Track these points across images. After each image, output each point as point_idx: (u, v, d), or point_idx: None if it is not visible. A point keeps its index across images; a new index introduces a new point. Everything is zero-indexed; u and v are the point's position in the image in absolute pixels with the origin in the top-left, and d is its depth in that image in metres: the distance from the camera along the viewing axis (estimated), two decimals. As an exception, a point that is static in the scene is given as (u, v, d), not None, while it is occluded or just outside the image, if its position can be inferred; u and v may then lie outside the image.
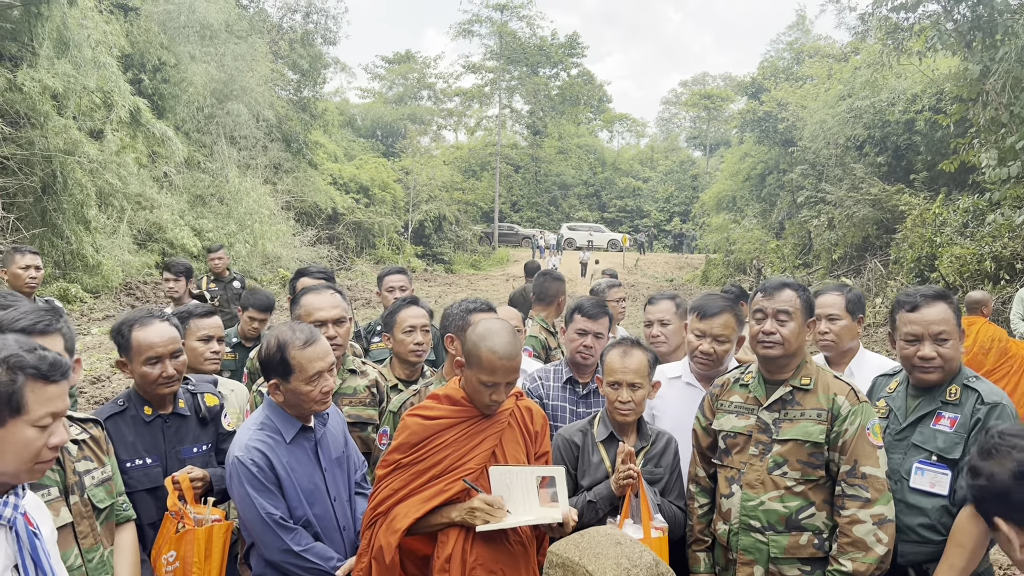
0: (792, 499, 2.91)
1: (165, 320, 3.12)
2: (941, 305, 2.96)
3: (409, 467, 2.77)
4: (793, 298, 2.98)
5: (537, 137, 57.26)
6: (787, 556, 2.92)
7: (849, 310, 3.80)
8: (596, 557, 1.95)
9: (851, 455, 2.84)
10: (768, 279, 3.17)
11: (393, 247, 35.17)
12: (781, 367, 3.01)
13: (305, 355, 2.80)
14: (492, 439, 2.80)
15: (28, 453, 1.85)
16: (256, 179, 25.48)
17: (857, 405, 2.89)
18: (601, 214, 59.08)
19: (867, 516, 2.78)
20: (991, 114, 12.01)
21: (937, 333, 2.93)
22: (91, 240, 16.54)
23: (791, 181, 26.49)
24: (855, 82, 22.11)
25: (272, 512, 2.72)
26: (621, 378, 3.15)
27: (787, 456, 2.93)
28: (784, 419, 2.97)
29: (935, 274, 15.03)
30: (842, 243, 21.36)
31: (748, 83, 35.51)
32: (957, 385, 2.94)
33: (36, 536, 1.96)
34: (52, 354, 1.91)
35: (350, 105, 53.83)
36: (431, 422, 2.78)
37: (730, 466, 3.09)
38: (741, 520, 2.99)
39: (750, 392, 3.09)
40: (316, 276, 4.89)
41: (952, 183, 17.61)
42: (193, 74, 23.02)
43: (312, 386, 2.80)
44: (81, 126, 16.42)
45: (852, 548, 2.78)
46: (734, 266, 29.48)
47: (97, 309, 15.83)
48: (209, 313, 3.96)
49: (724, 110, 60.21)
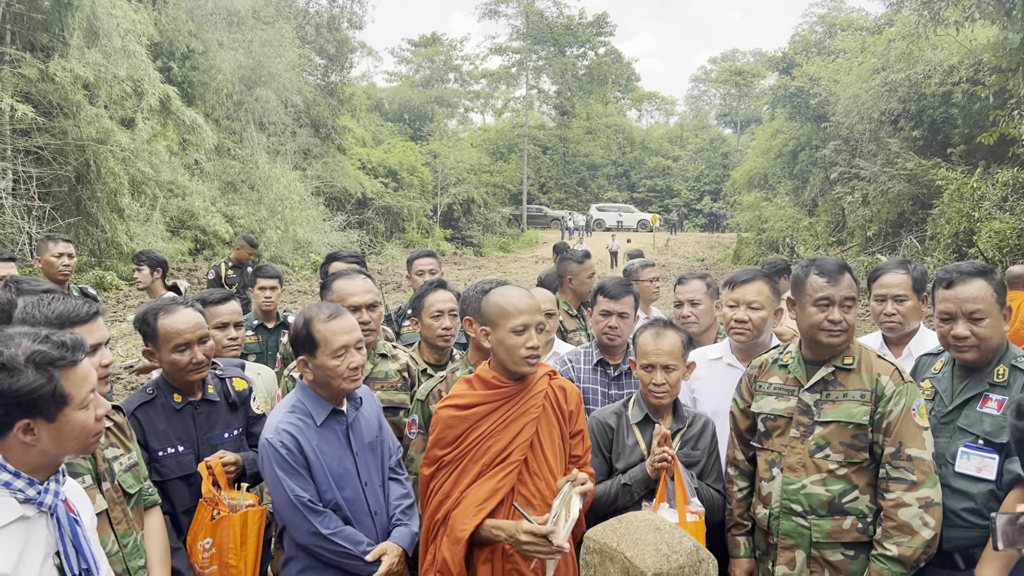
0: (835, 482, 2.85)
1: (190, 306, 3.11)
2: (978, 282, 2.81)
3: (454, 465, 2.75)
4: (854, 284, 2.90)
5: (565, 117, 56.87)
6: (830, 540, 2.85)
7: (915, 289, 3.63)
8: (635, 543, 1.91)
9: (896, 436, 2.76)
10: (822, 259, 3.04)
11: (422, 231, 35.25)
12: (837, 351, 2.93)
13: (330, 328, 2.81)
14: (531, 426, 2.76)
15: (85, 433, 1.92)
16: (286, 165, 25.62)
17: (902, 385, 2.80)
18: (630, 194, 58.64)
19: (913, 499, 2.70)
20: (1032, 84, 11.69)
21: (971, 312, 2.79)
22: (125, 228, 16.76)
23: (824, 157, 26.05)
24: (889, 55, 21.61)
25: (300, 495, 2.72)
26: (655, 360, 3.09)
27: (829, 438, 2.86)
28: (826, 400, 2.89)
29: (973, 249, 14.72)
30: (877, 219, 20.99)
31: (779, 58, 34.90)
32: (1005, 366, 2.79)
33: (77, 523, 1.98)
34: (66, 336, 1.93)
35: (377, 89, 53.85)
36: (466, 411, 2.75)
37: (770, 449, 3.02)
38: (782, 504, 2.93)
39: (790, 373, 3.02)
40: (347, 260, 4.88)
41: (991, 156, 17.18)
42: (221, 61, 23.15)
43: (339, 360, 2.79)
44: (112, 115, 16.58)
45: (897, 532, 2.70)
46: (766, 244, 29.12)
47: (133, 296, 16.03)
48: (224, 299, 3.92)
49: (755, 86, 59.37)
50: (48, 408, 1.84)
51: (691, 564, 1.85)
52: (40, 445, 1.85)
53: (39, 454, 1.87)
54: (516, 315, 2.70)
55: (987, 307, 2.79)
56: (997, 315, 2.81)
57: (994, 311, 2.80)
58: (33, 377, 1.80)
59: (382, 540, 2.90)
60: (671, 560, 1.83)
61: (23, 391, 1.79)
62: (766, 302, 3.52)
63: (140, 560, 2.56)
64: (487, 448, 2.71)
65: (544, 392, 2.83)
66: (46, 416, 1.84)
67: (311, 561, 2.80)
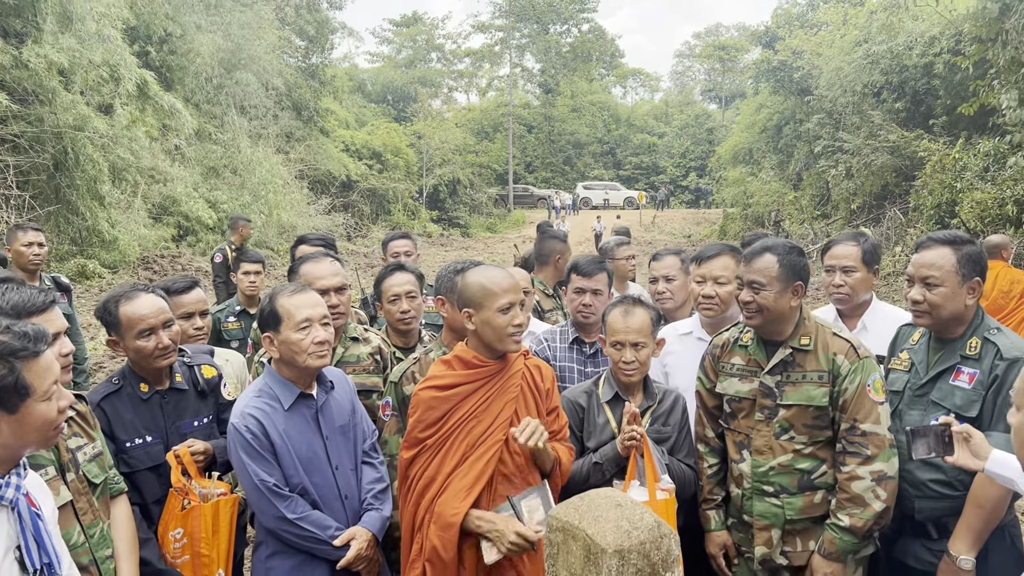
0: (802, 461, 2.90)
1: (151, 292, 3.06)
2: (942, 250, 2.82)
3: (437, 447, 2.75)
4: (770, 265, 2.88)
5: (549, 96, 56.63)
6: (803, 516, 2.92)
7: (865, 261, 3.66)
8: (596, 520, 1.90)
9: (851, 412, 2.81)
10: (756, 244, 3.05)
11: (408, 212, 35.11)
12: (771, 331, 2.95)
13: (292, 301, 2.81)
14: (511, 405, 2.78)
15: (47, 425, 1.92)
16: (268, 149, 25.40)
17: (857, 363, 2.83)
18: (617, 172, 58.55)
19: (866, 473, 2.76)
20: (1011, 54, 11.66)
21: (925, 277, 2.81)
22: (106, 215, 16.60)
23: (808, 131, 26.01)
24: (871, 27, 21.54)
25: (265, 479, 2.72)
26: (624, 338, 3.10)
27: (792, 421, 2.90)
28: (787, 382, 2.92)
29: (955, 220, 14.76)
30: (861, 192, 21.01)
31: (762, 32, 34.73)
32: (978, 338, 2.80)
33: (39, 516, 1.96)
34: (28, 327, 1.90)
35: (359, 70, 53.44)
36: (448, 392, 2.75)
37: (737, 431, 3.07)
38: (754, 486, 2.99)
39: (750, 354, 3.03)
40: (315, 244, 4.82)
41: (972, 127, 17.20)
42: (200, 44, 22.87)
43: (302, 334, 2.78)
44: (89, 101, 16.38)
45: (850, 504, 2.78)
46: (752, 220, 29.12)
47: (116, 284, 15.93)
48: (189, 288, 3.83)
49: (739, 61, 59.24)
50: (9, 400, 1.82)
51: (652, 540, 1.85)
52: (0, 438, 1.83)
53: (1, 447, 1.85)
54: (501, 294, 2.70)
55: (942, 275, 2.79)
56: (954, 285, 2.79)
57: (951, 280, 2.78)
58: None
59: (353, 524, 2.89)
60: (632, 536, 1.83)
61: None
62: (732, 276, 3.52)
63: (107, 550, 2.54)
64: (470, 429, 2.72)
65: (521, 371, 2.84)
66: (7, 408, 1.82)
67: (280, 546, 2.80)
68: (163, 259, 18.07)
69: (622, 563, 1.81)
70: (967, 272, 2.79)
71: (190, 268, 17.73)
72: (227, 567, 2.97)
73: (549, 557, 2.01)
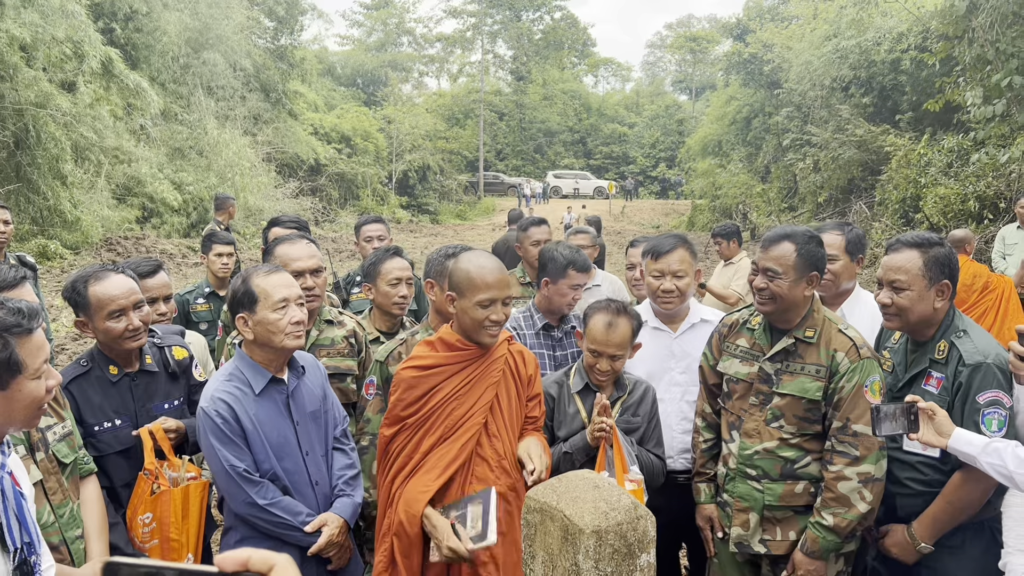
0: (788, 449, 2.93)
1: (121, 272, 3.00)
2: (909, 253, 2.82)
3: (417, 426, 2.76)
4: (787, 253, 2.88)
5: (521, 83, 56.50)
6: (782, 504, 2.95)
7: (848, 250, 3.67)
8: (574, 501, 1.92)
9: (844, 411, 2.81)
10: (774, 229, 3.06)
11: (377, 198, 34.85)
12: (780, 319, 2.97)
13: (269, 281, 2.77)
14: (492, 389, 2.79)
15: (35, 403, 1.91)
16: (235, 130, 25.03)
17: (857, 362, 2.83)
18: (587, 161, 58.65)
19: (853, 474, 2.77)
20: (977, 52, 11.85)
21: (892, 280, 2.82)
22: (68, 195, 16.26)
23: (777, 124, 26.28)
24: (841, 21, 21.78)
25: (236, 465, 2.68)
26: (603, 350, 3.11)
27: (784, 410, 2.92)
28: (785, 371, 2.94)
29: (919, 215, 15.02)
30: (827, 186, 21.28)
31: (734, 24, 34.99)
32: (946, 341, 2.80)
33: (22, 496, 1.93)
34: (22, 303, 1.88)
35: (329, 53, 52.81)
36: (428, 372, 2.76)
37: (731, 411, 3.10)
38: (739, 467, 3.02)
39: (756, 339, 3.06)
40: (289, 226, 4.75)
41: (937, 123, 17.48)
42: (166, 23, 22.43)
43: (280, 314, 2.74)
44: (52, 78, 16.01)
45: (835, 503, 2.79)
46: (720, 211, 29.37)
47: (78, 265, 15.62)
48: (153, 271, 3.73)
49: (710, 53, 59.48)
50: (1, 376, 1.80)
51: (629, 521, 1.87)
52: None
53: None
54: (484, 289, 2.69)
55: (909, 278, 2.79)
56: (921, 288, 2.79)
57: (918, 283, 2.79)
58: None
59: (324, 510, 2.87)
60: (609, 517, 1.85)
61: None
62: (688, 268, 3.54)
63: (77, 530, 2.51)
64: (450, 411, 2.74)
65: (504, 357, 2.86)
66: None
67: (249, 531, 2.77)
68: (127, 240, 17.76)
69: (599, 543, 1.82)
70: (934, 275, 2.79)
71: (154, 250, 17.47)
72: (196, 552, 2.94)
73: (526, 538, 2.02)
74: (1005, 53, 11.09)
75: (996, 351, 2.73)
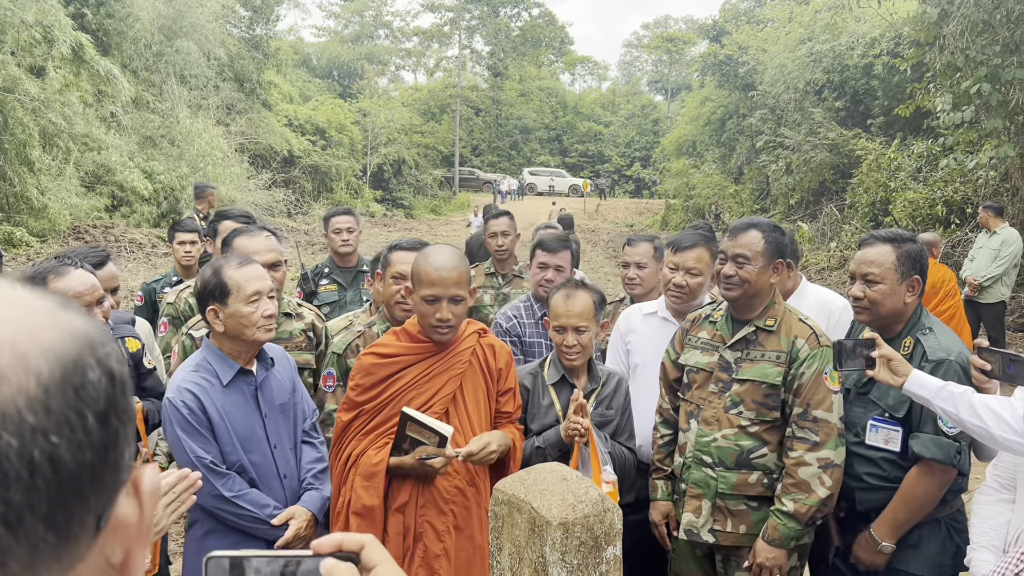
0: (745, 438, 2.95)
1: (80, 267, 2.94)
2: (883, 247, 2.87)
3: (373, 414, 2.77)
4: (756, 240, 2.94)
5: (498, 79, 56.40)
6: (734, 493, 2.97)
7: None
8: (542, 493, 1.93)
9: (804, 398, 2.86)
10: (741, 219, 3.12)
11: (351, 191, 34.60)
12: (744, 308, 3.01)
13: (241, 273, 2.74)
14: (453, 382, 2.79)
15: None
16: (208, 120, 24.72)
17: (817, 349, 2.89)
18: (563, 159, 58.73)
19: (813, 459, 2.81)
20: (947, 58, 12.00)
21: (865, 273, 2.86)
22: (36, 182, 15.98)
23: (750, 126, 26.47)
24: (815, 25, 21.98)
25: (202, 456, 2.66)
26: (565, 322, 3.12)
27: (744, 396, 2.96)
28: (745, 359, 2.98)
29: (888, 218, 15.22)
30: (799, 188, 21.50)
31: (710, 26, 35.18)
32: (912, 338, 2.85)
33: None
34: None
35: (305, 44, 52.43)
36: (387, 360, 2.77)
37: (690, 401, 3.13)
38: (695, 454, 3.04)
39: (717, 330, 3.10)
40: (239, 220, 4.54)
41: (907, 128, 17.72)
42: (139, 9, 22.08)
43: (252, 307, 2.72)
44: (20, 62, 15.70)
45: (795, 489, 2.83)
46: (693, 211, 29.56)
47: (44, 253, 15.36)
48: (100, 264, 3.61)
49: (686, 53, 59.86)
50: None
51: (596, 513, 1.88)
52: None
53: None
54: (428, 285, 2.70)
55: (882, 272, 2.84)
56: (893, 282, 2.83)
57: (890, 277, 2.83)
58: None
59: (291, 503, 2.85)
60: (576, 509, 1.86)
61: None
62: (704, 268, 3.59)
63: None
64: (408, 400, 2.74)
65: (472, 349, 2.85)
66: None
67: (215, 524, 2.74)
68: (95, 229, 17.50)
69: (566, 535, 1.83)
70: (906, 270, 2.84)
71: (123, 239, 17.22)
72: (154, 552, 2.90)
73: (494, 530, 2.02)
74: (974, 61, 11.25)
75: (959, 350, 2.78)
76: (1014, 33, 11.31)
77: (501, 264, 4.99)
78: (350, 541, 0.90)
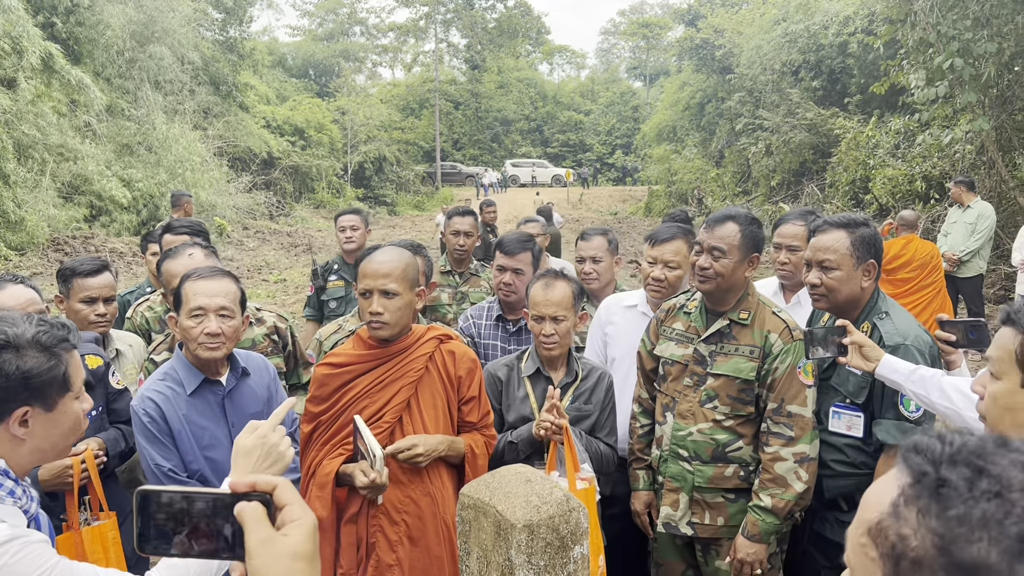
0: (721, 432, 2.94)
1: (19, 283, 2.89)
2: (837, 233, 2.85)
3: (330, 422, 2.75)
4: (732, 233, 2.90)
5: (476, 72, 56.24)
6: (711, 486, 2.97)
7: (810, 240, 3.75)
8: (506, 496, 1.92)
9: (779, 393, 2.85)
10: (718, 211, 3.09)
11: (333, 191, 34.46)
12: (718, 300, 2.98)
13: (194, 287, 2.72)
14: (407, 390, 2.74)
15: (77, 426, 1.78)
16: (185, 125, 24.52)
17: (791, 344, 2.87)
18: (544, 149, 58.69)
19: (789, 454, 2.82)
20: (919, 34, 12.03)
21: (821, 260, 2.86)
22: (11, 195, 15.81)
23: (729, 109, 26.49)
24: (789, 5, 22.01)
25: (161, 464, 2.64)
26: (544, 311, 3.09)
27: (718, 391, 2.94)
28: (719, 352, 2.96)
29: (869, 196, 15.29)
30: (780, 169, 21.56)
31: (685, 10, 35.24)
32: (869, 323, 2.85)
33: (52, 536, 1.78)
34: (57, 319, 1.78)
35: (280, 44, 52.14)
36: (338, 369, 2.75)
37: (666, 393, 3.11)
38: (671, 448, 3.03)
39: (692, 321, 3.08)
40: (180, 232, 4.37)
41: (884, 105, 17.79)
42: (110, 16, 21.85)
43: (193, 322, 2.69)
44: (-10, 75, 15.57)
45: (772, 484, 2.83)
46: (676, 196, 29.61)
47: (24, 267, 15.23)
48: (97, 271, 3.58)
49: (663, 39, 59.85)
50: (50, 394, 1.67)
51: (561, 514, 1.86)
52: (31, 441, 1.67)
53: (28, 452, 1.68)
54: (362, 278, 2.73)
55: (837, 258, 2.83)
56: (849, 267, 2.83)
57: (846, 263, 2.82)
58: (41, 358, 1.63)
59: None
60: (541, 511, 1.85)
61: (33, 373, 1.61)
62: (683, 261, 3.55)
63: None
64: (361, 408, 2.71)
65: (429, 355, 2.80)
66: (45, 404, 1.67)
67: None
68: (75, 240, 17.35)
69: (531, 537, 1.82)
70: (861, 254, 2.83)
71: (104, 249, 17.09)
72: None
73: (461, 534, 2.01)
74: (946, 36, 11.28)
75: (916, 333, 2.78)
76: (984, 6, 11.35)
77: (458, 263, 4.95)
78: (263, 483, 1.02)
